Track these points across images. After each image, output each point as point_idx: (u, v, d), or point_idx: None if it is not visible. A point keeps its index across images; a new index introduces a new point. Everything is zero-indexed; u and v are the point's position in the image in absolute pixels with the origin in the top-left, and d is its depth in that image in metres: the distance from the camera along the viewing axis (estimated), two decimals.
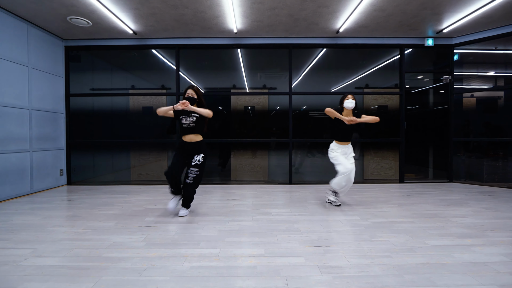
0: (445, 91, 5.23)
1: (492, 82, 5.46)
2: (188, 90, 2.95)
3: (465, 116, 5.24)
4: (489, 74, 5.33)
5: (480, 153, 5.32)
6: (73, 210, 3.28)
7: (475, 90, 5.42)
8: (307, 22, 4.25)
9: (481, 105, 5.39)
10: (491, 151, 5.24)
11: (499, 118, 5.10)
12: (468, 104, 5.41)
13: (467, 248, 2.13)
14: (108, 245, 2.22)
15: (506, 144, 4.92)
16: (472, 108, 5.42)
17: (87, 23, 4.19)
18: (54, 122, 4.71)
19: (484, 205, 3.41)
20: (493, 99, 5.59)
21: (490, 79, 5.42)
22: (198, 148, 2.95)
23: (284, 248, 2.14)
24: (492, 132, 5.07)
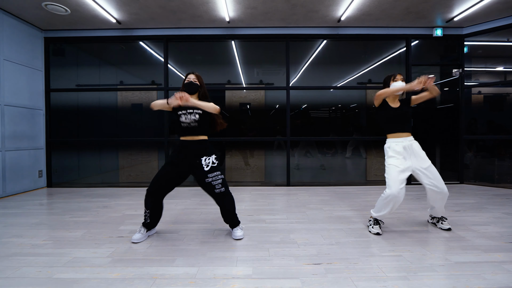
0: (454, 86, 4.85)
1: (501, 78, 5.10)
2: (189, 75, 2.27)
3: (474, 113, 4.87)
4: (498, 69, 4.97)
5: (489, 152, 4.96)
6: (41, 217, 2.90)
7: (487, 85, 5.05)
8: (306, 9, 3.87)
9: (490, 102, 5.04)
10: (502, 150, 4.89)
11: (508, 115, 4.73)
12: (475, 101, 5.05)
13: (499, 266, 1.75)
14: (66, 262, 1.85)
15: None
16: (480, 105, 5.06)
17: (65, 10, 3.83)
18: (32, 119, 4.34)
19: (505, 210, 3.03)
20: (501, 96, 5.23)
21: (499, 74, 5.06)
22: (205, 148, 2.23)
23: (276, 267, 1.76)
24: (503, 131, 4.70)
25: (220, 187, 2.18)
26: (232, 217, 2.29)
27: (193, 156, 2.19)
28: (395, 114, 2.40)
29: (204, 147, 2.22)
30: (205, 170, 2.16)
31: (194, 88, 2.23)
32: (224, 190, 2.20)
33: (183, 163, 2.19)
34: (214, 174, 2.17)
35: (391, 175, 2.27)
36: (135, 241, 2.19)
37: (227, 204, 2.24)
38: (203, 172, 2.16)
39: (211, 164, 2.18)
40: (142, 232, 2.25)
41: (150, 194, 2.20)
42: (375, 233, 2.35)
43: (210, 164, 2.18)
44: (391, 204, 2.26)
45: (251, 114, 5.14)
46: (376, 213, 2.38)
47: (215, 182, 2.16)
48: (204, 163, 2.17)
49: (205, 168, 2.16)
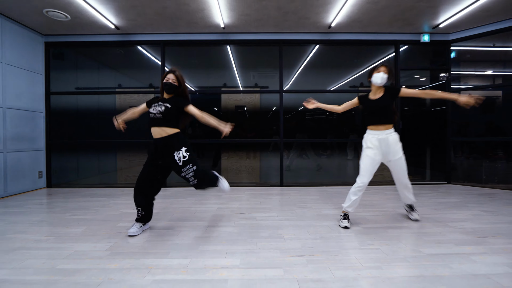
0: (442, 90, 5.03)
1: (490, 81, 5.28)
2: (168, 74, 2.33)
3: (463, 115, 5.04)
4: (487, 73, 5.16)
5: (479, 154, 5.13)
6: (43, 215, 3.04)
7: (473, 88, 5.23)
8: (297, 16, 4.04)
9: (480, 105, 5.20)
10: (490, 151, 5.06)
11: (498, 118, 4.91)
12: None
13: (467, 258, 1.90)
14: (67, 254, 1.99)
15: (506, 144, 4.73)
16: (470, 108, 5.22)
17: (65, 16, 3.97)
18: (32, 121, 4.47)
19: (484, 208, 3.19)
20: (491, 99, 5.41)
21: (488, 78, 5.24)
22: (174, 143, 2.27)
23: (262, 258, 1.91)
24: (492, 132, 4.88)
25: (193, 179, 2.26)
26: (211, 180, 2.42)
27: (166, 152, 2.27)
28: (373, 106, 2.53)
29: (172, 142, 2.27)
30: (180, 165, 2.24)
31: (172, 89, 2.33)
32: (197, 182, 2.28)
33: (160, 159, 2.31)
34: (186, 168, 2.24)
35: (365, 165, 2.50)
36: (131, 234, 2.35)
37: (206, 187, 2.37)
38: (178, 167, 2.25)
39: (182, 159, 2.24)
40: (137, 227, 2.42)
41: (138, 193, 2.36)
42: (343, 227, 2.52)
43: (181, 159, 2.24)
44: (361, 192, 2.49)
45: (246, 116, 5.29)
46: (346, 203, 2.57)
47: (188, 175, 2.25)
48: (176, 158, 2.24)
49: (179, 163, 2.24)
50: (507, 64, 4.83)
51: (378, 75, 2.47)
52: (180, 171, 2.26)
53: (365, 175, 2.48)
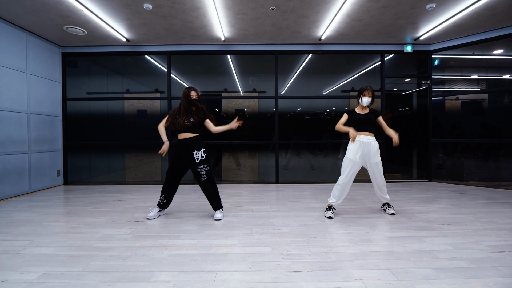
0: (424, 95, 5.49)
1: (474, 85, 5.72)
2: (191, 92, 2.93)
3: (448, 117, 5.47)
4: (471, 77, 5.59)
5: (463, 154, 5.57)
6: (68, 208, 3.52)
7: (454, 93, 5.68)
8: (290, 30, 4.51)
9: (467, 107, 5.63)
10: (471, 152, 5.49)
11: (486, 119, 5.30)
12: (454, 106, 5.66)
13: (420, 239, 2.38)
14: (98, 237, 2.47)
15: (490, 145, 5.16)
16: (458, 110, 5.67)
17: (82, 32, 4.45)
18: (52, 125, 4.96)
19: (452, 202, 3.66)
20: (478, 101, 5.84)
21: (473, 82, 5.68)
22: (195, 143, 2.87)
23: (255, 239, 2.39)
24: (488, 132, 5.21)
25: (205, 176, 2.90)
26: (214, 200, 2.99)
27: (187, 150, 2.87)
28: (361, 118, 3.08)
29: (194, 143, 2.88)
30: (196, 162, 2.86)
31: (195, 104, 2.97)
32: (207, 179, 2.90)
33: (183, 155, 2.88)
34: (202, 166, 2.88)
35: (345, 165, 3.01)
36: (150, 217, 2.99)
37: (210, 189, 2.94)
38: (195, 163, 2.87)
39: (200, 158, 2.86)
40: (155, 212, 3.02)
41: (169, 183, 2.96)
42: (328, 217, 3.01)
43: (199, 158, 2.86)
44: (342, 189, 2.98)
45: (245, 119, 5.76)
46: (331, 199, 3.05)
47: (202, 172, 2.88)
48: (195, 156, 2.86)
49: (196, 160, 2.86)
50: (489, 69, 5.27)
51: (365, 99, 3.05)
52: (196, 167, 2.87)
53: (343, 173, 2.99)
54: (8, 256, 2.08)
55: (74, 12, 3.80)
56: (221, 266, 1.91)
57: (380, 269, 1.85)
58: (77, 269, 1.87)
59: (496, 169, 5.18)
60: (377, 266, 1.89)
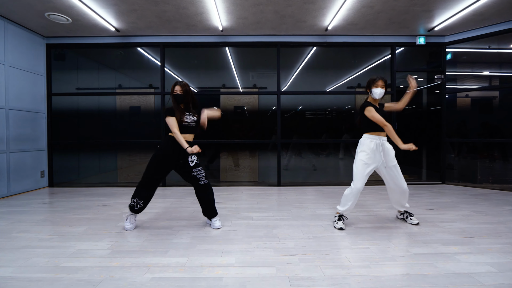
0: (438, 91, 5.11)
1: (486, 82, 5.36)
2: (175, 86, 2.55)
3: (459, 116, 5.12)
4: (483, 74, 5.23)
5: (474, 154, 5.21)
6: (46, 214, 3.13)
7: (468, 90, 5.31)
8: (294, 19, 4.11)
9: (477, 105, 5.29)
10: (485, 152, 5.14)
11: (494, 118, 4.98)
12: (463, 104, 5.30)
13: (452, 257, 1.99)
14: (71, 253, 2.08)
15: (501, 145, 4.81)
16: (467, 109, 5.31)
17: (66, 19, 4.05)
18: (34, 122, 4.56)
19: (475, 209, 3.28)
20: (488, 99, 5.48)
21: (485, 78, 5.31)
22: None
23: (256, 257, 2.00)
24: (489, 133, 4.95)
25: (204, 179, 2.59)
26: (211, 207, 2.65)
27: (185, 154, 2.53)
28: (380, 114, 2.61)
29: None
30: (191, 165, 2.55)
31: (181, 98, 2.55)
32: (207, 182, 2.61)
33: (175, 157, 2.53)
34: (198, 169, 2.57)
35: (359, 170, 2.52)
36: (129, 229, 2.58)
37: (210, 194, 2.62)
38: (190, 167, 2.54)
39: (195, 161, 2.58)
40: (131, 221, 2.64)
41: (149, 186, 2.57)
42: (339, 228, 2.58)
43: (194, 161, 2.57)
44: (355, 197, 2.53)
45: (245, 117, 5.37)
46: (342, 207, 2.61)
47: (199, 175, 2.57)
48: (190, 160, 2.56)
49: (191, 164, 2.55)
50: (503, 65, 4.90)
51: (376, 90, 2.58)
52: (191, 171, 2.56)
53: (359, 179, 2.50)
54: None
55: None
56: None
57: None
58: None
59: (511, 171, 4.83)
60: None
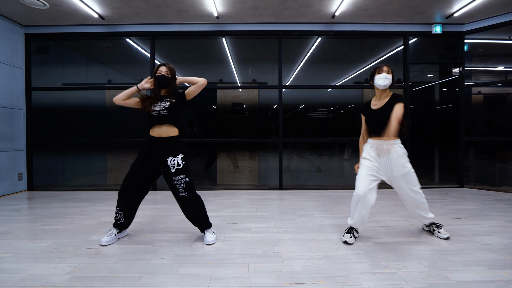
0: (453, 87, 4.65)
1: (502, 77, 4.92)
2: (160, 67, 2.13)
3: (474, 114, 4.69)
4: (500, 69, 4.80)
5: (489, 154, 4.79)
6: (9, 225, 2.69)
7: (487, 84, 4.87)
8: (298, 3, 3.67)
9: (490, 102, 4.87)
10: (503, 152, 4.71)
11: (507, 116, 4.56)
12: (475, 101, 4.88)
13: (506, 286, 1.54)
14: (18, 280, 1.64)
15: None
16: (480, 106, 4.89)
17: (43, 4, 3.61)
18: (11, 119, 4.12)
19: (508, 218, 2.83)
20: (502, 96, 5.06)
21: (500, 74, 4.88)
22: (172, 147, 2.09)
23: (254, 287, 1.55)
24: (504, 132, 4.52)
25: (183, 191, 2.10)
26: (200, 220, 2.21)
27: (160, 157, 2.09)
28: (374, 117, 2.19)
29: (172, 146, 2.10)
30: (172, 172, 2.07)
31: (166, 82, 2.12)
32: (187, 195, 2.11)
33: (152, 160, 2.09)
34: (178, 178, 2.08)
35: (360, 175, 2.18)
36: (104, 243, 2.13)
37: (192, 208, 2.16)
38: (170, 173, 2.08)
39: (176, 166, 2.07)
40: (112, 235, 2.16)
41: (128, 195, 2.11)
42: (343, 242, 2.19)
43: (175, 166, 2.07)
44: (359, 207, 2.12)
45: (243, 114, 4.94)
46: (350, 219, 2.26)
47: (179, 186, 2.09)
48: (170, 164, 2.07)
49: (171, 169, 2.07)
50: None
51: (381, 76, 2.13)
52: (171, 178, 2.09)
53: (359, 186, 2.12)
54: None
55: None
56: None
57: None
58: None
59: None
60: None
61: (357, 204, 2.12)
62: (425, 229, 2.45)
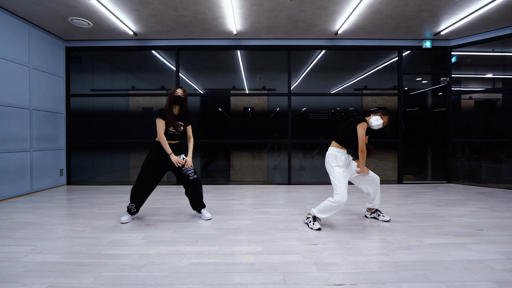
0: (443, 93, 5.27)
1: (490, 84, 5.51)
2: (177, 89, 2.72)
3: (463, 118, 5.28)
4: (487, 76, 5.38)
5: (478, 155, 5.36)
6: (73, 209, 3.30)
7: (473, 92, 5.46)
8: (306, 24, 4.29)
9: (480, 107, 5.44)
10: (489, 152, 5.28)
11: (497, 120, 5.13)
12: (467, 106, 5.46)
13: (463, 246, 2.15)
14: (108, 242, 2.24)
15: (504, 145, 4.96)
16: (471, 110, 5.47)
17: (88, 24, 4.23)
18: (54, 122, 4.74)
19: (482, 205, 3.43)
20: (491, 101, 5.63)
21: (488, 81, 5.46)
22: (178, 150, 2.81)
23: (282, 246, 2.16)
24: (491, 134, 5.10)
25: (193, 174, 2.78)
26: (201, 200, 2.87)
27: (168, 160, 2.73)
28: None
29: (177, 149, 2.80)
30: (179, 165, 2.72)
31: (181, 101, 2.73)
32: (196, 177, 2.80)
33: (163, 161, 2.73)
34: (185, 168, 2.75)
35: (340, 183, 2.48)
36: (124, 221, 2.77)
37: (199, 188, 2.82)
38: (178, 167, 2.73)
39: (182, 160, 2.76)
40: (128, 216, 2.83)
41: (139, 191, 2.75)
42: (316, 229, 2.53)
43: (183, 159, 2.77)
44: (338, 209, 2.50)
45: (254, 117, 5.53)
46: (320, 214, 2.57)
47: (188, 172, 2.76)
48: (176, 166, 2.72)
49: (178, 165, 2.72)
50: (506, 68, 5.06)
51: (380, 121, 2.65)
52: (180, 169, 2.75)
53: (344, 193, 2.46)
54: (9, 265, 1.85)
55: (80, 1, 3.58)
56: (251, 278, 1.68)
57: (433, 282, 1.62)
58: (87, 281, 1.64)
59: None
60: (428, 279, 1.66)
61: (338, 207, 2.47)
62: (369, 216, 2.94)
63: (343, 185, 2.48)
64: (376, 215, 2.89)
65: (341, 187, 2.47)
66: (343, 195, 2.45)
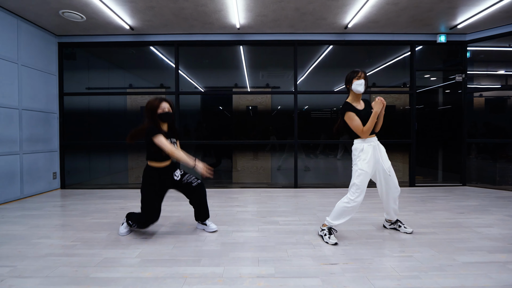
0: (456, 90, 4.98)
1: (503, 81, 5.23)
2: (162, 103, 2.37)
3: (477, 116, 5.01)
4: (501, 73, 5.10)
5: (490, 155, 5.10)
6: (64, 218, 3.03)
7: (488, 89, 5.18)
8: (314, 16, 4.00)
9: (490, 105, 5.17)
10: (503, 152, 5.02)
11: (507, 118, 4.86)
12: (477, 104, 5.19)
13: (504, 266, 1.88)
14: (98, 262, 1.98)
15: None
16: (481, 108, 5.20)
17: (81, 17, 3.95)
18: (47, 122, 4.46)
19: (507, 213, 3.16)
20: (502, 99, 5.36)
21: (501, 78, 5.19)
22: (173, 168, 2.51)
23: (296, 267, 1.89)
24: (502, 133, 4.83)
25: (196, 180, 2.54)
26: (206, 208, 2.60)
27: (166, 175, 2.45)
28: (366, 115, 2.32)
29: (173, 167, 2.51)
30: (178, 179, 2.48)
31: (170, 117, 2.41)
32: (200, 181, 2.56)
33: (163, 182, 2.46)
34: (186, 177, 2.52)
35: (363, 183, 2.24)
36: (123, 235, 2.51)
37: (202, 193, 2.55)
38: (177, 180, 2.48)
39: (179, 173, 2.51)
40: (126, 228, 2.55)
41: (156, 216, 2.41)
42: (333, 244, 2.26)
43: (178, 175, 2.50)
44: (354, 211, 2.27)
45: (257, 116, 5.26)
46: (335, 220, 2.31)
47: (190, 179, 2.51)
48: (175, 177, 2.47)
49: (176, 178, 2.47)
50: None
51: (359, 81, 2.28)
52: (180, 181, 2.49)
53: (362, 193, 2.24)
54: None
55: None
56: None
57: None
58: None
59: None
60: None
61: (354, 209, 2.25)
62: (389, 227, 2.66)
63: (364, 184, 2.24)
64: (397, 226, 2.61)
65: (361, 186, 2.23)
66: (361, 194, 2.23)
